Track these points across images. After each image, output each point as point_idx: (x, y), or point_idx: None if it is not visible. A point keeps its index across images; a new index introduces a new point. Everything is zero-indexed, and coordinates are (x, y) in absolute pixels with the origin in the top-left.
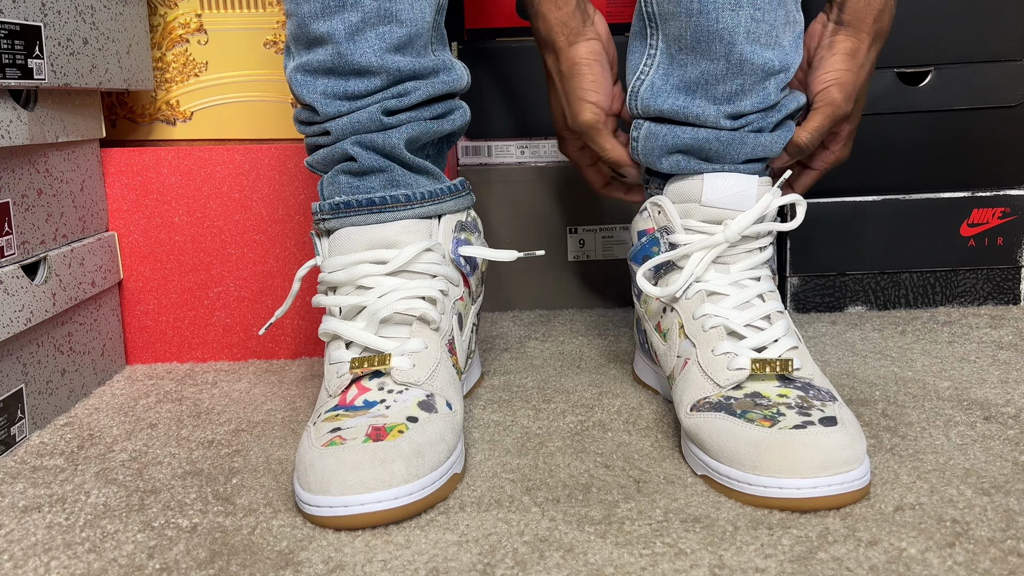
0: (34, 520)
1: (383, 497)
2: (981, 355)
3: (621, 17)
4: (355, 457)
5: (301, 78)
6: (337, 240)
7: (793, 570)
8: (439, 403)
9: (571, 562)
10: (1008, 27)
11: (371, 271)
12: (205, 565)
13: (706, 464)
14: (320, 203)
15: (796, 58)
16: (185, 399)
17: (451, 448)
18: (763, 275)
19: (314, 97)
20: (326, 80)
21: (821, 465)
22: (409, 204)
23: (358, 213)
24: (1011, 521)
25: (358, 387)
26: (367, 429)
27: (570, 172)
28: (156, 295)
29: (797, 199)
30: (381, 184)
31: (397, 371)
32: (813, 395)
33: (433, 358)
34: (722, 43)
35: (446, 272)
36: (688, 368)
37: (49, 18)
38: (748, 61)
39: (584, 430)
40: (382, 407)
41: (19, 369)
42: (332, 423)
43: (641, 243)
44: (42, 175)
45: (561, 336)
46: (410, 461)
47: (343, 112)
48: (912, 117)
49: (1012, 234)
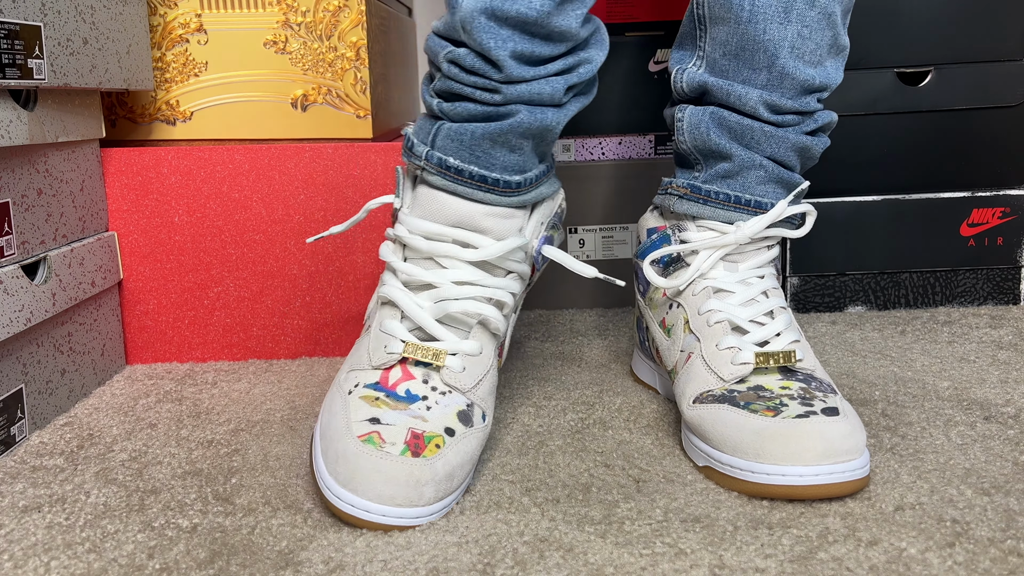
0: (34, 520)
1: (407, 515)
2: (981, 355)
3: (621, 17)
4: (392, 471)
5: (487, 24)
6: (428, 199)
7: (793, 570)
8: (476, 415)
9: (571, 562)
10: (1008, 27)
11: (454, 252)
12: (205, 565)
13: (708, 455)
14: (427, 149)
15: (837, 78)
16: (185, 399)
17: (474, 463)
18: (767, 273)
19: (502, 55)
20: (517, 37)
21: (824, 453)
22: (519, 190)
23: (466, 184)
24: (1011, 521)
25: (403, 369)
26: (406, 435)
27: (570, 172)
28: (156, 295)
29: (808, 209)
30: (502, 164)
31: (447, 372)
32: (815, 387)
33: (484, 365)
34: (766, 54)
35: (523, 271)
36: (692, 362)
37: (49, 18)
38: (789, 75)
39: (584, 428)
40: (423, 406)
41: (19, 369)
42: (371, 408)
43: (651, 240)
44: (42, 175)
45: (561, 336)
46: (440, 485)
47: (527, 77)
48: (912, 117)
49: (1012, 234)
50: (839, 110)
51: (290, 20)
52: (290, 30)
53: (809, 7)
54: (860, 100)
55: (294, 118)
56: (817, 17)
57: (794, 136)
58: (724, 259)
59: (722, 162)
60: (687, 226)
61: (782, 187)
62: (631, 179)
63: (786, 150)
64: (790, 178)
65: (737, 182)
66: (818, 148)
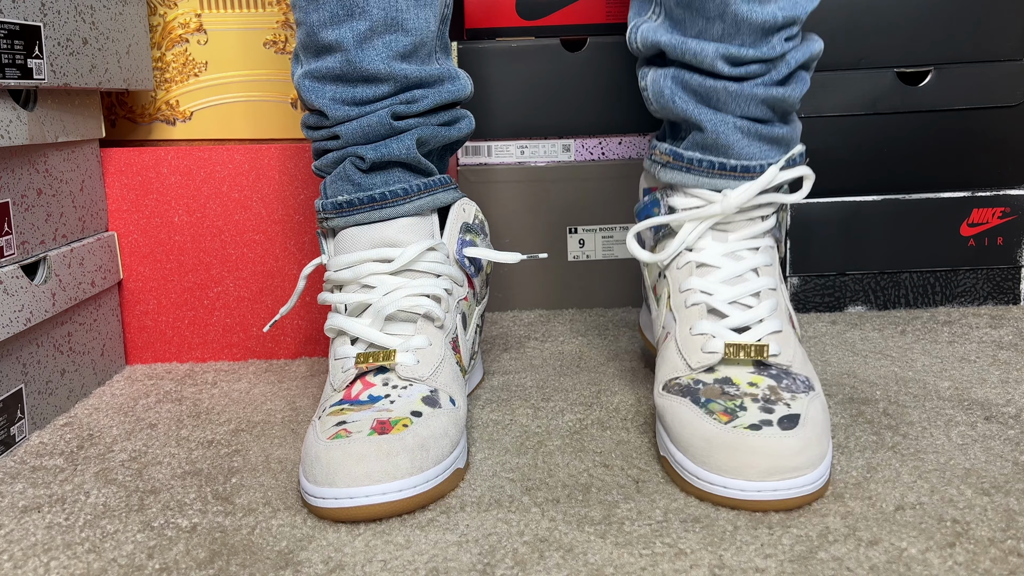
0: (34, 520)
1: (388, 489)
2: (981, 355)
3: (621, 17)
4: (361, 449)
5: (310, 84)
6: (342, 239)
7: (793, 570)
8: (443, 399)
9: (571, 562)
10: (1008, 27)
11: (376, 269)
12: (205, 565)
13: (667, 448)
14: (323, 201)
15: (808, 5)
16: (185, 399)
17: (454, 443)
18: (763, 245)
19: (323, 103)
20: (335, 87)
21: (768, 471)
22: (408, 198)
23: (360, 211)
24: (1011, 521)
25: (363, 382)
26: (372, 423)
27: (570, 172)
28: (156, 295)
29: (806, 172)
30: (382, 181)
31: (402, 367)
32: (786, 385)
33: (437, 355)
34: (715, 2)
35: (450, 272)
36: (667, 343)
37: (49, 18)
38: (745, 19)
39: (583, 428)
40: (387, 402)
41: (19, 369)
42: (337, 417)
43: (644, 202)
44: (42, 175)
45: (561, 336)
46: (414, 454)
47: (352, 116)
48: (912, 117)
49: (1012, 234)
50: (839, 110)
51: (290, 20)
52: (290, 30)
53: None
54: (860, 100)
55: (294, 118)
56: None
57: (762, 90)
58: (714, 228)
59: (696, 131)
60: (674, 192)
61: (769, 144)
62: (631, 179)
63: (756, 106)
64: (775, 133)
65: (719, 147)
66: (794, 96)
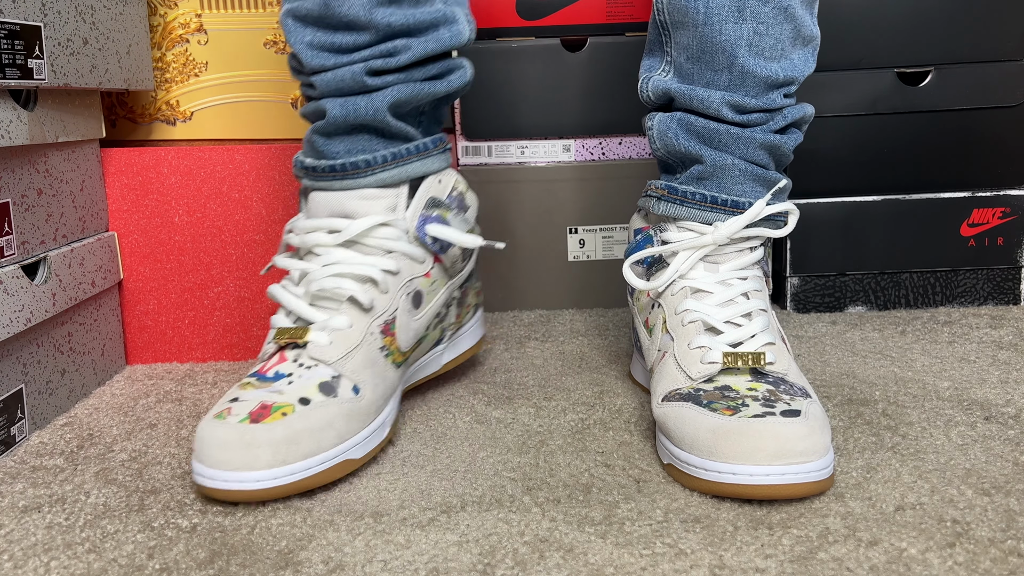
0: (34, 520)
1: (245, 478)
2: (981, 355)
3: (621, 17)
4: (226, 435)
5: (292, 24)
6: (310, 204)
7: (793, 570)
8: (343, 387)
9: (571, 562)
10: (1008, 27)
11: (323, 240)
12: (205, 565)
13: (670, 452)
14: (297, 157)
15: (805, 70)
16: (185, 399)
17: (341, 435)
18: (751, 275)
19: (300, 48)
20: (314, 31)
21: (776, 453)
22: (370, 170)
23: (322, 178)
24: (1011, 521)
25: (280, 356)
26: (255, 405)
27: (570, 172)
28: (156, 295)
29: (790, 208)
30: (345, 150)
31: (313, 346)
32: (784, 390)
33: (353, 339)
34: (724, 55)
35: (404, 248)
36: (665, 360)
37: (49, 18)
38: (750, 73)
39: (585, 428)
40: (284, 382)
41: (19, 369)
42: (237, 392)
43: (636, 240)
44: (42, 175)
45: (561, 336)
46: (278, 448)
47: (327, 66)
48: (912, 117)
49: (1012, 234)
50: (839, 110)
51: None
52: None
53: (762, 3)
54: (860, 100)
55: (294, 118)
56: (772, 12)
57: (761, 135)
58: (705, 260)
59: (695, 164)
60: (668, 227)
61: (760, 185)
62: (631, 179)
63: (755, 150)
64: (767, 176)
65: (713, 183)
66: (789, 145)
